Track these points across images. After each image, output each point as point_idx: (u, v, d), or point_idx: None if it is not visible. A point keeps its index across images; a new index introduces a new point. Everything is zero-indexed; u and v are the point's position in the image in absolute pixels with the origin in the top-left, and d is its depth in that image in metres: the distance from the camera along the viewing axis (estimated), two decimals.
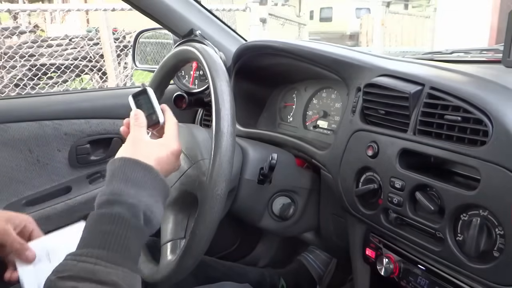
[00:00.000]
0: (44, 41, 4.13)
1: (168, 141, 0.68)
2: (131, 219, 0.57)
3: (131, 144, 0.66)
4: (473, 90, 0.63)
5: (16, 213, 0.78)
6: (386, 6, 5.90)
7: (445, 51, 1.18)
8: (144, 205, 0.59)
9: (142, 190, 0.60)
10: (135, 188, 0.59)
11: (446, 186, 0.64)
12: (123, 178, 0.59)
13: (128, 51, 4.22)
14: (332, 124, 1.04)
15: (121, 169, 0.60)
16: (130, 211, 0.57)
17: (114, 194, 0.58)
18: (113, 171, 0.61)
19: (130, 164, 0.61)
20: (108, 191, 0.59)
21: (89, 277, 0.51)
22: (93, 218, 0.57)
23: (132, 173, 0.60)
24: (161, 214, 0.62)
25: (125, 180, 0.59)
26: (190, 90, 1.29)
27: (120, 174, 0.60)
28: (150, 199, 0.60)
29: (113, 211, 0.57)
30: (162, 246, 0.83)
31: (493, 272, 0.58)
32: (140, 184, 0.60)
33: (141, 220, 0.58)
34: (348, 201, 0.83)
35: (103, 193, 0.59)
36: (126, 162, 0.61)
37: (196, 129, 0.90)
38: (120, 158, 0.62)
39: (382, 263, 0.78)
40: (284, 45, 1.00)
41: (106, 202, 0.58)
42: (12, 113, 1.21)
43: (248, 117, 1.19)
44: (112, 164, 0.62)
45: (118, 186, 0.59)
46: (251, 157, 0.92)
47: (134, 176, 0.60)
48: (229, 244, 1.43)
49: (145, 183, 0.60)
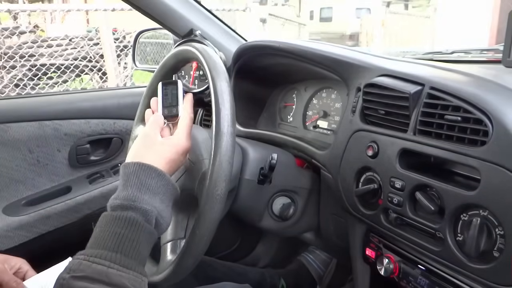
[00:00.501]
0: (44, 41, 4.13)
1: (179, 140, 0.69)
2: (145, 224, 0.59)
3: (144, 144, 0.68)
4: (473, 90, 0.63)
5: (11, 256, 0.82)
6: (386, 6, 5.92)
7: (445, 51, 1.18)
8: (157, 210, 0.61)
9: (155, 195, 0.61)
10: (149, 194, 0.61)
11: (446, 186, 0.64)
12: (137, 183, 0.61)
13: (128, 51, 4.22)
14: (332, 124, 1.04)
15: (136, 174, 0.62)
16: (144, 216, 0.59)
17: (128, 200, 0.59)
18: (128, 176, 0.62)
19: (144, 170, 0.62)
20: (122, 195, 0.60)
21: (102, 279, 0.52)
22: (106, 219, 0.59)
23: (147, 179, 0.61)
24: (170, 217, 0.65)
25: (139, 185, 0.61)
26: (190, 90, 1.29)
27: (134, 179, 0.61)
28: (162, 205, 0.62)
29: (128, 214, 0.58)
30: (162, 246, 0.83)
31: (493, 272, 0.58)
32: (153, 190, 0.61)
33: (153, 225, 0.60)
34: (348, 201, 0.83)
35: (117, 197, 0.61)
36: (141, 167, 0.62)
37: (196, 129, 0.90)
38: (134, 163, 0.63)
39: (382, 263, 0.78)
40: (284, 45, 1.00)
41: (120, 206, 0.59)
42: (12, 113, 1.21)
43: (248, 117, 1.19)
44: (127, 168, 0.63)
45: (133, 192, 0.60)
46: (251, 157, 0.92)
47: (148, 182, 0.61)
48: (229, 244, 1.44)
49: (158, 188, 0.62)
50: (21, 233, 1.20)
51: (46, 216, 1.22)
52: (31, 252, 1.22)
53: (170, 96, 0.75)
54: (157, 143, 0.68)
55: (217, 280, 0.92)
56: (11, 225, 1.19)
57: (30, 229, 1.21)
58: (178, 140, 0.69)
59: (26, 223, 1.20)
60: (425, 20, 7.25)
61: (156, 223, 0.61)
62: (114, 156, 1.37)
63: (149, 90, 0.94)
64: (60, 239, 1.23)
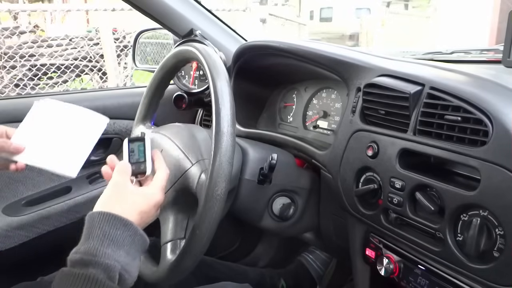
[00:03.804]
0: (44, 41, 4.13)
1: (154, 192, 0.67)
2: (106, 282, 0.54)
3: (115, 192, 0.64)
4: (473, 90, 0.63)
5: None
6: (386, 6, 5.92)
7: (445, 51, 1.18)
8: (120, 265, 0.57)
9: (120, 248, 0.57)
10: (113, 247, 0.57)
11: (446, 186, 0.64)
12: (100, 235, 0.57)
13: (128, 51, 4.22)
14: (332, 124, 1.04)
15: (99, 225, 0.58)
16: (105, 272, 0.55)
17: (89, 254, 0.55)
18: (91, 227, 0.58)
19: (109, 220, 0.58)
20: (83, 249, 0.56)
21: None
22: (65, 277, 0.54)
23: (111, 230, 0.58)
24: (137, 271, 0.60)
25: (102, 237, 0.57)
26: (190, 90, 1.29)
27: (97, 230, 0.57)
28: (127, 258, 0.58)
29: (88, 272, 0.54)
30: (162, 246, 0.83)
31: (493, 272, 0.58)
32: (118, 242, 0.57)
33: (116, 281, 0.56)
34: (348, 201, 0.83)
35: (78, 250, 0.56)
36: (105, 217, 0.58)
37: (196, 129, 0.90)
38: (99, 213, 0.59)
39: (382, 263, 0.78)
40: (284, 45, 1.00)
41: (80, 262, 0.55)
42: (12, 113, 1.21)
43: (248, 117, 1.19)
44: (91, 218, 0.59)
45: (94, 245, 0.56)
46: (251, 157, 0.92)
47: (112, 233, 0.57)
48: (229, 244, 1.44)
49: (124, 240, 0.58)
50: (21, 233, 1.20)
51: (46, 216, 1.22)
52: (31, 252, 1.22)
53: (137, 152, 0.74)
54: (128, 192, 0.64)
55: (217, 280, 0.92)
56: (11, 225, 1.19)
57: (30, 229, 1.21)
58: (152, 192, 0.66)
59: (26, 223, 1.20)
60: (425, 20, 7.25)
61: (120, 279, 0.56)
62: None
63: (149, 90, 0.94)
64: (60, 239, 1.23)
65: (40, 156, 0.80)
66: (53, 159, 0.80)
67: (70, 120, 0.84)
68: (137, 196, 0.65)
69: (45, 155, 0.81)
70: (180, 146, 0.85)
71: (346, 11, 12.14)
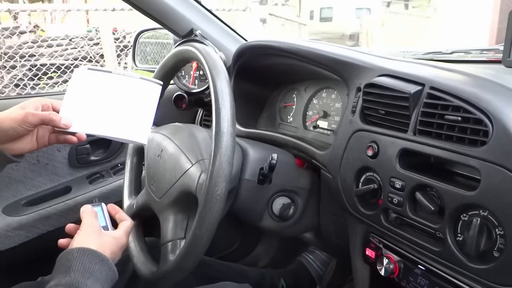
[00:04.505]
0: (44, 41, 4.13)
1: (121, 235, 0.74)
2: None
3: (91, 232, 0.71)
4: (473, 90, 0.63)
5: (28, 100, 0.76)
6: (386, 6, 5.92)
7: (445, 51, 1.17)
8: None
9: (98, 281, 0.63)
10: (92, 280, 0.63)
11: (446, 186, 0.64)
12: (81, 269, 0.63)
13: (128, 51, 4.22)
14: (332, 124, 1.04)
15: (79, 260, 0.64)
16: None
17: (71, 285, 0.60)
18: (71, 261, 0.63)
19: (88, 255, 0.65)
20: (64, 282, 0.61)
21: None
22: None
23: (91, 265, 0.64)
24: None
25: (83, 271, 0.63)
26: (190, 90, 1.29)
27: (78, 264, 0.63)
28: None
29: None
30: (162, 246, 0.83)
31: (493, 272, 0.58)
32: (96, 275, 0.64)
33: None
34: (348, 201, 0.83)
35: (59, 283, 0.61)
36: (85, 252, 0.65)
37: (196, 129, 0.90)
38: (78, 249, 0.65)
39: (382, 263, 0.78)
40: (284, 45, 1.00)
41: None
42: None
43: (248, 117, 1.19)
44: (70, 254, 0.65)
45: (76, 278, 0.61)
46: (251, 157, 0.92)
47: (92, 267, 0.64)
48: (229, 244, 1.44)
49: (101, 274, 0.65)
50: (21, 233, 1.20)
51: (46, 216, 1.22)
52: (31, 252, 1.22)
53: (101, 216, 0.78)
54: (101, 233, 0.72)
55: (217, 280, 0.92)
56: (11, 225, 1.19)
57: (30, 229, 1.21)
58: (119, 235, 0.74)
59: (26, 223, 1.20)
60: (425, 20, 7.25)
61: None
62: (114, 156, 1.38)
63: None
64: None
65: (103, 125, 0.78)
66: (119, 128, 0.78)
67: (120, 88, 0.79)
68: (108, 237, 0.72)
69: (108, 125, 0.78)
70: (180, 146, 0.85)
71: (346, 11, 12.14)
